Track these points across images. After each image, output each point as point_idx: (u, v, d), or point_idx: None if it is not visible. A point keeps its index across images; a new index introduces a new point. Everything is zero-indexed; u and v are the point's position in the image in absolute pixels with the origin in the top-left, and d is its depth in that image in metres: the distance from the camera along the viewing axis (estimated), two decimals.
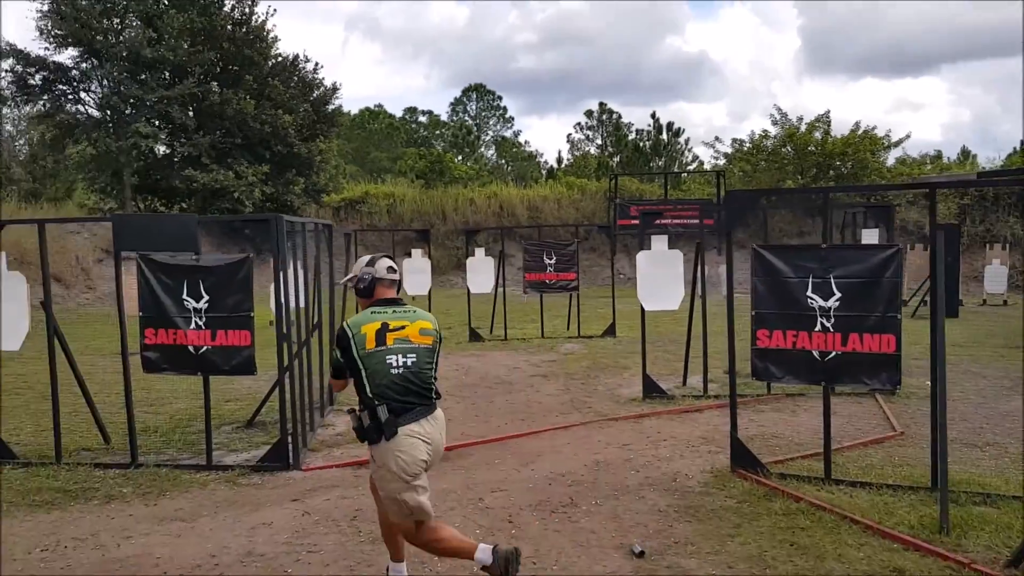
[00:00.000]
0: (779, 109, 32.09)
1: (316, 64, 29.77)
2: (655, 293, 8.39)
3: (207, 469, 6.30)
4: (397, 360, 3.68)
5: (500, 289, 14.49)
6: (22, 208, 24.62)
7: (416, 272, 14.23)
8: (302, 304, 7.37)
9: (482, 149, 58.67)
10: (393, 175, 38.69)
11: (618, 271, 21.97)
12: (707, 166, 38.19)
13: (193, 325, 6.26)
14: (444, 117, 62.70)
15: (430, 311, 4.03)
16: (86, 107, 25.48)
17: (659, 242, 8.42)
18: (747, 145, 28.05)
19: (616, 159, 45.29)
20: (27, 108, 28.26)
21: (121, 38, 23.67)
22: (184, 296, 6.25)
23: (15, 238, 20.69)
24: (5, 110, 31.69)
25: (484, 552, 3.75)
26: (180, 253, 6.31)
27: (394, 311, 3.83)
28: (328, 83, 27.84)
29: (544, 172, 49.85)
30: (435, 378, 3.84)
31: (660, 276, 8.36)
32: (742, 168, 27.19)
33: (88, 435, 7.33)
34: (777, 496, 5.32)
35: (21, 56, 23.68)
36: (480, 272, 14.23)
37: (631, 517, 5.08)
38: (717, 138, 51.92)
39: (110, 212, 25.32)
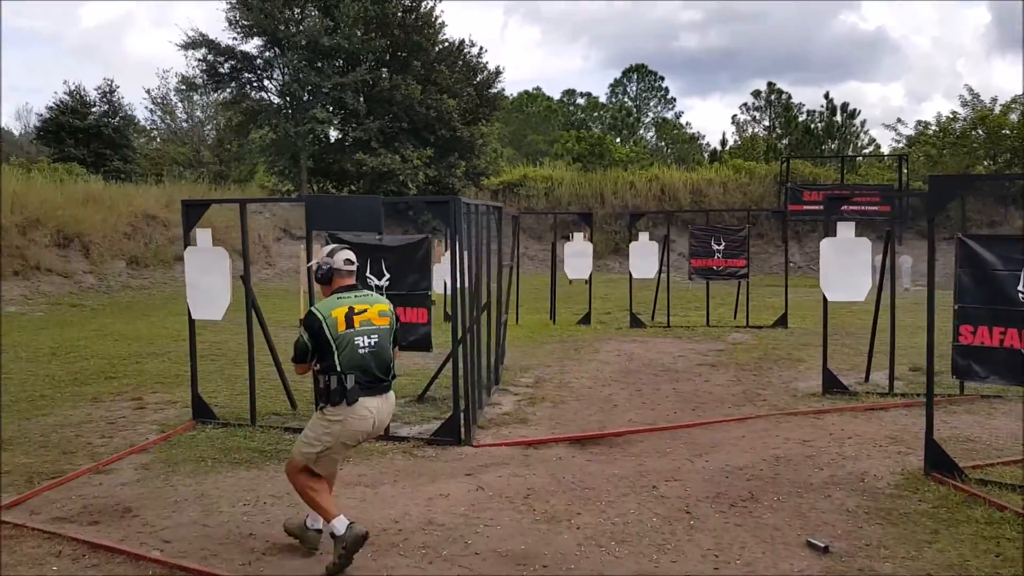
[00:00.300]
0: (970, 89, 29.61)
1: (480, 48, 30.31)
2: (840, 283, 7.91)
3: (385, 439, 6.57)
4: (363, 341, 4.12)
5: (663, 275, 14.22)
6: (212, 189, 26.66)
7: (577, 256, 14.21)
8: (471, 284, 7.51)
9: (641, 131, 57.81)
10: (550, 158, 38.87)
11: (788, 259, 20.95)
12: (885, 149, 35.85)
13: None
14: (603, 99, 62.24)
15: (590, 296, 4.10)
16: (268, 94, 27.26)
17: (846, 229, 7.93)
18: (932, 128, 25.99)
19: (785, 141, 43.35)
20: (216, 95, 30.50)
21: (301, 27, 25.06)
22: (367, 274, 6.52)
23: (207, 216, 22.53)
24: (196, 97, 34.42)
25: (341, 523, 4.05)
26: (365, 233, 6.59)
27: (355, 296, 4.24)
28: (491, 67, 28.29)
29: (707, 155, 48.49)
30: (393, 358, 4.29)
31: (846, 265, 7.88)
32: (926, 152, 25.22)
33: (276, 401, 7.83)
34: (978, 503, 4.91)
35: (212, 46, 25.60)
36: (644, 256, 14.01)
37: (817, 516, 4.83)
38: (899, 120, 48.70)
39: (287, 193, 27.02)
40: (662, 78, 63.60)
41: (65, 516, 4.91)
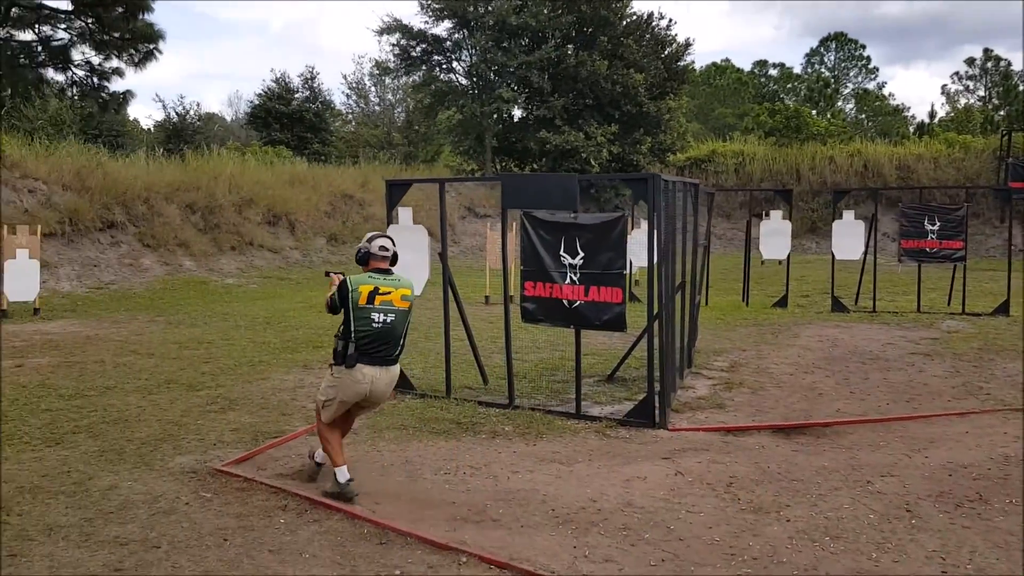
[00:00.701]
0: None
1: (669, 21, 29.49)
2: None
3: (576, 417, 6.56)
4: (379, 317, 4.73)
5: (868, 256, 13.25)
6: (402, 169, 27.81)
7: (774, 235, 13.55)
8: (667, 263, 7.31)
9: (840, 103, 54.22)
10: (740, 132, 37.31)
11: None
12: None
13: (568, 280, 6.49)
14: (797, 70, 58.94)
15: (787, 277, 3.92)
16: (456, 75, 28.02)
17: None
18: None
19: (1002, 112, 39.14)
20: (407, 78, 31.71)
21: (490, 8, 25.47)
22: (561, 252, 6.50)
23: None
24: (388, 80, 35.98)
25: (343, 473, 4.76)
26: (560, 211, 6.57)
27: (385, 279, 4.82)
28: (680, 39, 27.46)
29: (912, 128, 44.73)
30: (403, 340, 4.88)
31: None
32: None
33: (468, 375, 8.03)
34: None
35: (406, 30, 26.61)
36: (848, 236, 13.10)
37: None
38: None
39: (471, 173, 27.72)
40: (863, 46, 59.42)
41: (287, 473, 5.27)
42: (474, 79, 27.16)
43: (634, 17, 26.60)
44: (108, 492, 4.90)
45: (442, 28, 27.00)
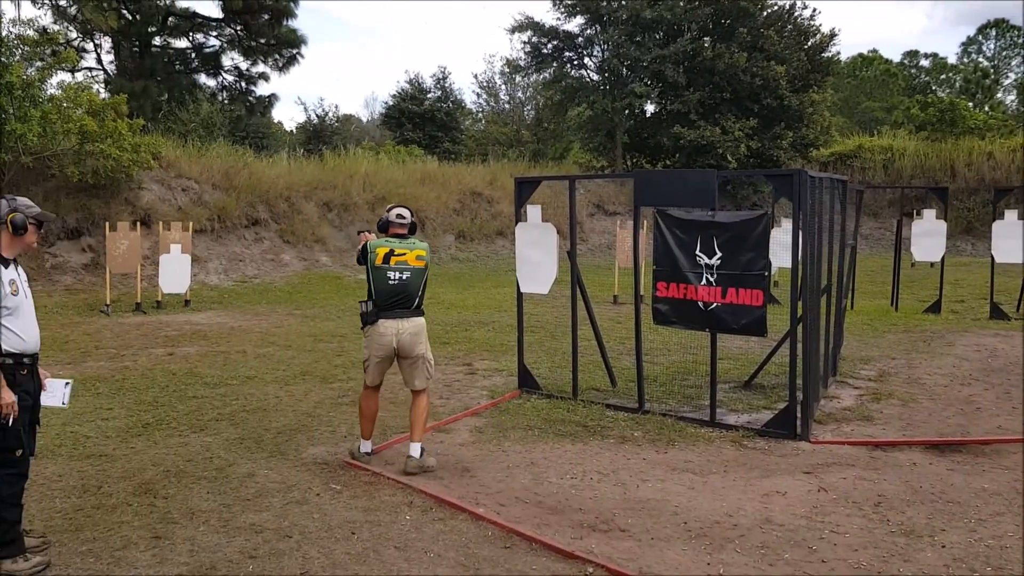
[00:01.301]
0: None
1: (813, 11, 28.09)
2: None
3: (710, 425, 6.26)
4: (394, 276, 5.19)
5: None
6: (530, 167, 27.82)
7: (927, 235, 12.60)
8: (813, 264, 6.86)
9: (999, 95, 50.27)
10: (888, 126, 35.16)
11: None
12: None
13: (704, 281, 6.20)
14: (952, 60, 55.11)
15: (941, 281, 3.53)
16: (588, 71, 27.74)
17: None
18: None
19: None
20: (537, 76, 31.70)
21: (624, 2, 25.07)
22: (697, 251, 6.22)
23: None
24: (518, 79, 36.11)
25: (366, 445, 5.42)
26: (695, 208, 6.29)
27: (400, 242, 5.28)
28: (825, 29, 26.07)
29: None
30: (421, 294, 5.29)
31: None
32: None
33: (595, 377, 7.85)
34: None
35: (537, 27, 26.59)
36: (1010, 238, 11.99)
37: None
38: None
39: (601, 170, 27.40)
40: None
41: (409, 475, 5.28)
42: (606, 75, 26.82)
43: (775, 7, 25.46)
44: (246, 479, 5.06)
45: (574, 24, 26.85)
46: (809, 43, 25.74)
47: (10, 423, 3.82)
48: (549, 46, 27.00)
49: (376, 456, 5.49)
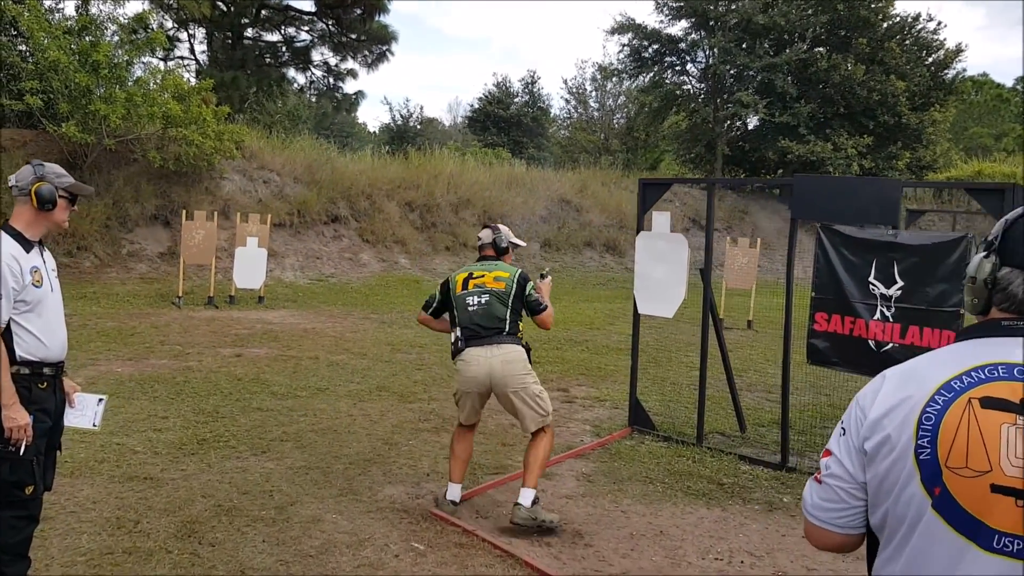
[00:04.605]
0: None
1: (938, 24, 26.15)
2: None
3: None
4: (473, 300, 4.44)
5: None
6: (623, 175, 26.59)
7: None
8: None
9: None
10: (1001, 153, 32.77)
11: None
12: None
13: (878, 315, 5.01)
14: None
15: None
16: (689, 78, 26.41)
17: None
18: None
19: None
20: (632, 82, 30.50)
21: (734, 6, 23.68)
22: (871, 279, 5.03)
23: (617, 201, 22.44)
24: (609, 85, 34.97)
25: (453, 490, 4.47)
26: (871, 225, 5.12)
27: (481, 265, 4.60)
28: (951, 44, 24.15)
29: None
30: (510, 319, 4.39)
31: None
32: None
33: (718, 417, 6.71)
34: None
35: (639, 30, 25.37)
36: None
37: None
38: None
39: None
40: None
41: (510, 526, 4.25)
42: (709, 82, 25.42)
43: (898, 19, 23.68)
44: (310, 526, 4.11)
45: (678, 28, 25.57)
46: (931, 58, 23.87)
47: (21, 451, 2.95)
48: (650, 49, 25.76)
49: (464, 503, 4.49)
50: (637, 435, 6.17)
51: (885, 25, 23.39)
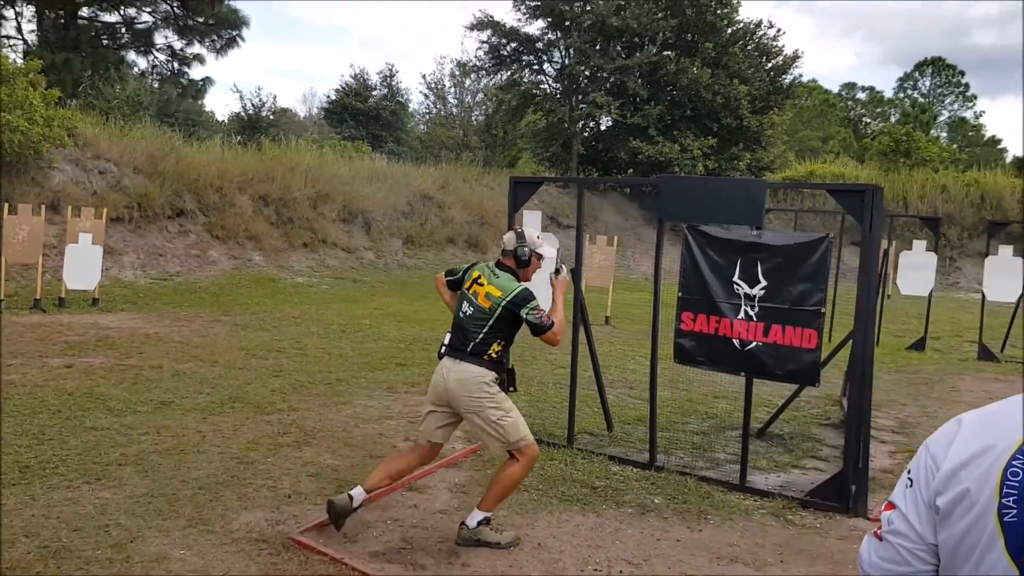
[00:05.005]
0: None
1: (778, 30, 27.66)
2: None
3: (739, 490, 5.14)
4: (465, 307, 4.20)
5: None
6: (484, 172, 26.58)
7: (916, 268, 11.87)
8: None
9: (934, 131, 51.49)
10: (830, 154, 35.32)
11: None
12: None
13: (743, 315, 5.09)
14: (888, 94, 56.50)
15: (928, 317, 2.89)
16: (546, 77, 26.67)
17: None
18: None
19: None
20: (490, 79, 30.54)
21: (588, 7, 24.09)
22: (736, 278, 5.10)
23: (478, 198, 22.34)
24: (468, 82, 34.93)
25: (358, 493, 4.10)
26: (736, 226, 5.19)
27: (490, 271, 4.26)
28: (788, 51, 25.62)
29: (1009, 160, 41.86)
30: (481, 339, 4.07)
31: None
32: None
33: (585, 416, 6.67)
34: None
35: (497, 27, 25.39)
36: (1002, 276, 11.37)
37: None
38: None
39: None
40: (961, 73, 56.50)
41: (386, 551, 3.98)
42: (565, 82, 25.77)
43: (741, 25, 24.88)
44: (154, 566, 3.68)
45: (535, 27, 25.77)
46: (771, 64, 25.27)
47: None
48: (508, 48, 25.83)
49: (331, 527, 4.17)
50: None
51: (730, 31, 24.54)
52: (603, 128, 26.67)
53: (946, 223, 22.84)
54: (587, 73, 24.56)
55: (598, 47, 24.22)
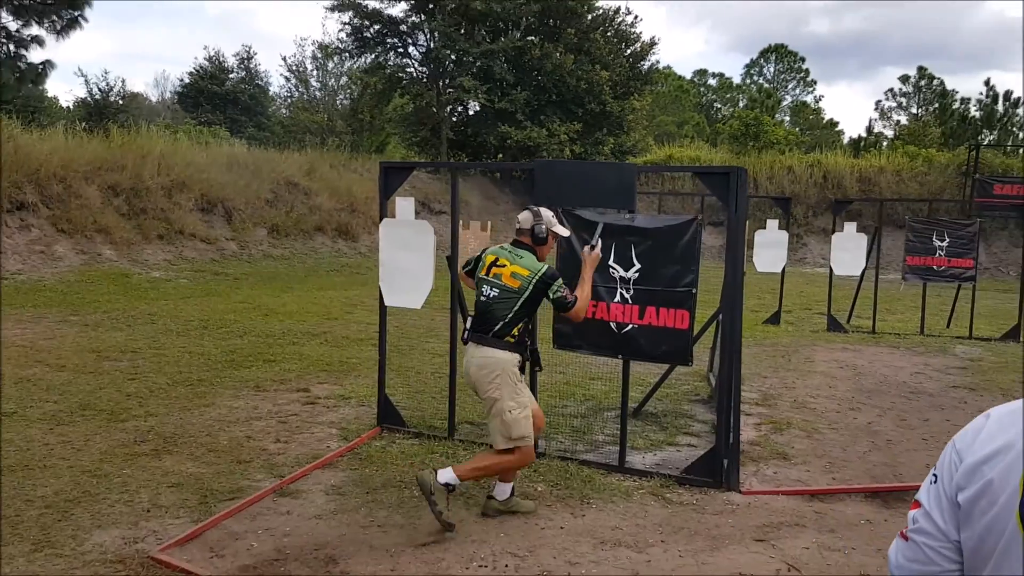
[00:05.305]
0: None
1: (635, 17, 28.34)
2: None
3: (620, 472, 5.20)
4: (486, 290, 4.26)
5: (872, 273, 12.37)
6: (351, 158, 25.94)
7: (770, 246, 12.46)
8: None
9: (779, 115, 54.50)
10: (687, 138, 36.70)
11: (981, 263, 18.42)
12: None
13: (619, 298, 5.13)
14: (736, 80, 59.40)
15: (781, 291, 3.64)
16: (412, 61, 26.26)
17: None
18: None
19: (939, 130, 39.71)
20: (354, 62, 29.74)
21: None
22: (611, 262, 5.13)
23: (347, 184, 21.77)
24: (331, 65, 33.97)
25: (444, 475, 4.09)
26: (610, 209, 5.21)
27: (510, 252, 4.31)
28: (646, 38, 26.31)
29: (846, 143, 44.96)
30: (509, 319, 4.14)
31: None
32: None
33: (465, 405, 6.58)
34: None
35: (359, 8, 24.72)
36: (848, 251, 12.12)
37: None
38: None
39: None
40: (802, 59, 60.01)
41: (256, 564, 3.75)
42: (431, 66, 25.44)
43: (601, 11, 25.32)
44: None
45: (399, 9, 25.30)
46: (630, 50, 25.88)
47: None
48: (372, 30, 25.19)
49: (196, 540, 3.89)
50: (387, 434, 5.86)
51: (590, 16, 24.93)
52: (472, 113, 26.56)
53: (793, 202, 24.22)
54: (453, 57, 24.36)
55: (463, 31, 24.05)
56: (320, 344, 9.36)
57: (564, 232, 4.52)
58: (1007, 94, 43.40)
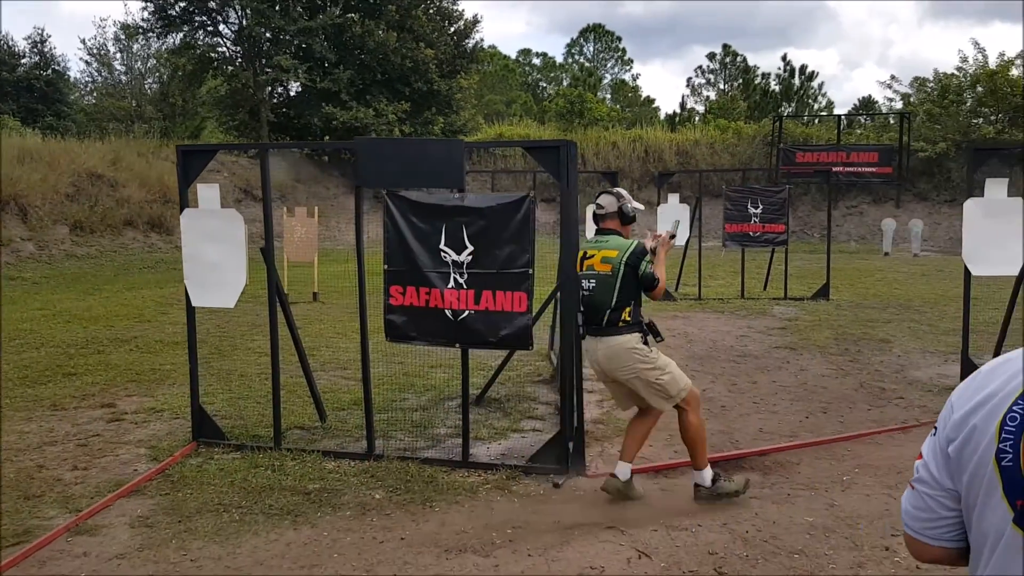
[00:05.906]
0: (977, 44, 29.29)
1: None
2: (987, 253, 6.47)
3: (463, 466, 4.93)
4: (586, 284, 4.37)
5: (695, 242, 12.81)
6: (162, 144, 24.06)
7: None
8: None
9: (599, 93, 56.21)
10: (515, 117, 37.03)
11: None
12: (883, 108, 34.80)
13: (452, 283, 4.82)
14: (559, 60, 60.71)
15: None
16: (224, 40, 24.63)
17: (996, 187, 6.46)
18: (930, 85, 24.92)
19: (744, 104, 42.43)
20: (161, 43, 27.66)
21: None
22: (442, 245, 4.81)
23: (158, 173, 20.15)
24: (136, 47, 31.42)
25: (703, 476, 4.36)
26: (439, 190, 4.89)
27: (596, 241, 4.46)
28: (468, 16, 26.05)
29: (663, 118, 47.17)
30: (615, 304, 4.25)
31: (995, 231, 6.43)
32: (928, 111, 24.10)
33: (294, 409, 6.10)
34: None
35: None
36: (674, 221, 12.46)
37: None
38: (893, 76, 48.40)
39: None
40: (619, 38, 62.09)
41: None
42: (245, 44, 23.92)
43: None
44: None
45: None
46: (453, 28, 25.56)
47: None
48: (177, 7, 23.32)
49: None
50: (204, 449, 5.27)
51: None
52: (293, 94, 25.30)
53: (619, 176, 24.95)
54: (268, 35, 23.03)
55: (277, 7, 22.76)
56: (129, 351, 8.46)
57: (640, 207, 4.62)
58: (802, 68, 47.16)
